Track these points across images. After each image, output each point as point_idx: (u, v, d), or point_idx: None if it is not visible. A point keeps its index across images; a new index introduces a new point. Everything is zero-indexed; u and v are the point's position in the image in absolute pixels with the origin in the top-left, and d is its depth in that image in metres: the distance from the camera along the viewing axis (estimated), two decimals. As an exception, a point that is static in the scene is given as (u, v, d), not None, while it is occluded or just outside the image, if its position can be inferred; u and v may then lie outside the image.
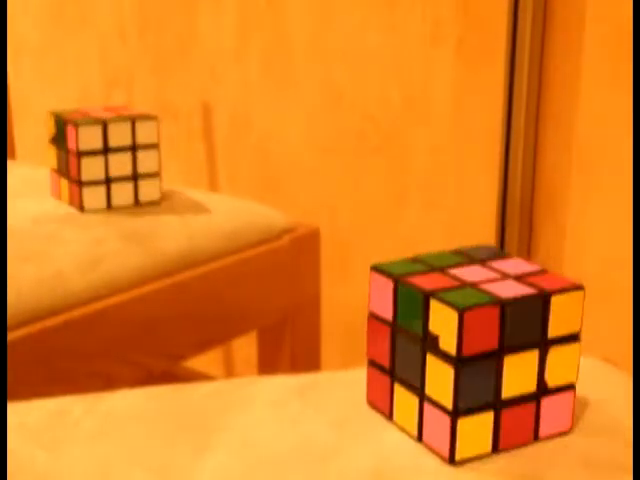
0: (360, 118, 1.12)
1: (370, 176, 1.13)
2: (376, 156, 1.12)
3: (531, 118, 0.95)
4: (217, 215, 0.84)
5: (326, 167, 1.17)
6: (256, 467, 0.44)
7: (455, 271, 0.46)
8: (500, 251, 0.49)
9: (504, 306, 0.42)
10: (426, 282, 0.44)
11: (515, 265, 0.47)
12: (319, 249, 0.89)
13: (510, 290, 0.44)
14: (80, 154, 0.79)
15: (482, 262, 0.47)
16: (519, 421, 0.45)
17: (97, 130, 0.80)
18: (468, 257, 0.48)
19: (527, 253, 1.00)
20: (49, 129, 0.84)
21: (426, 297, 0.43)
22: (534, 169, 0.98)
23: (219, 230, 0.83)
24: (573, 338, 0.45)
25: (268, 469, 0.44)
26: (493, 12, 0.97)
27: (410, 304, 0.44)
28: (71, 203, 0.82)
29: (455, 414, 0.43)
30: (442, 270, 0.46)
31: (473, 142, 1.03)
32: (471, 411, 0.43)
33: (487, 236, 1.02)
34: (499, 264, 0.47)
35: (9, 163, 1.00)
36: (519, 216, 0.98)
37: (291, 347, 0.89)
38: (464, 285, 0.44)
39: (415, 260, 0.47)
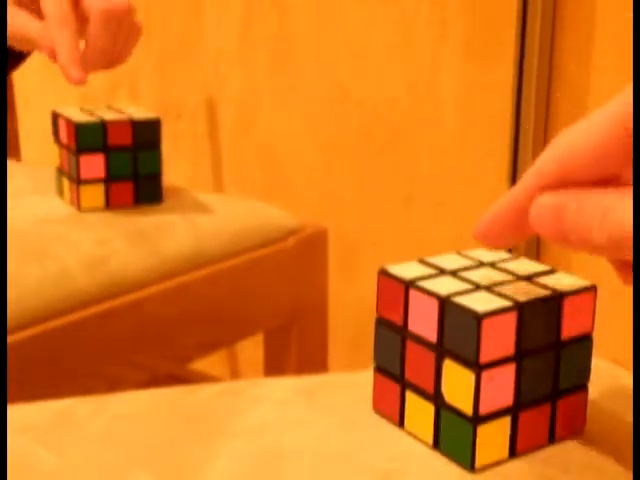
0: (367, 117, 1.11)
1: (377, 176, 1.13)
2: (383, 155, 1.11)
3: (540, 117, 0.95)
4: (223, 216, 0.84)
5: (332, 166, 1.17)
6: (263, 469, 0.44)
7: (467, 274, 0.45)
8: (506, 252, 0.48)
9: (522, 310, 0.42)
10: (439, 286, 0.44)
11: (524, 265, 0.47)
12: (327, 250, 0.89)
13: (525, 293, 0.43)
14: (79, 152, 0.79)
15: (492, 264, 0.47)
16: (535, 424, 0.44)
17: (97, 129, 0.79)
18: (476, 259, 0.47)
19: (536, 253, 1.00)
20: (53, 128, 0.84)
21: (441, 302, 0.43)
22: (543, 169, 0.97)
23: (225, 231, 0.82)
24: (585, 338, 0.45)
25: (275, 471, 0.44)
26: (501, 10, 0.96)
27: (424, 310, 0.43)
28: (71, 202, 0.82)
29: (476, 421, 0.42)
30: (454, 274, 0.45)
31: (481, 141, 1.02)
32: (491, 417, 0.43)
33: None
34: (508, 265, 0.47)
35: (15, 163, 1.00)
36: (527, 216, 0.98)
37: (298, 349, 0.89)
38: (479, 288, 0.44)
39: (423, 262, 0.47)
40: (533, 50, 0.93)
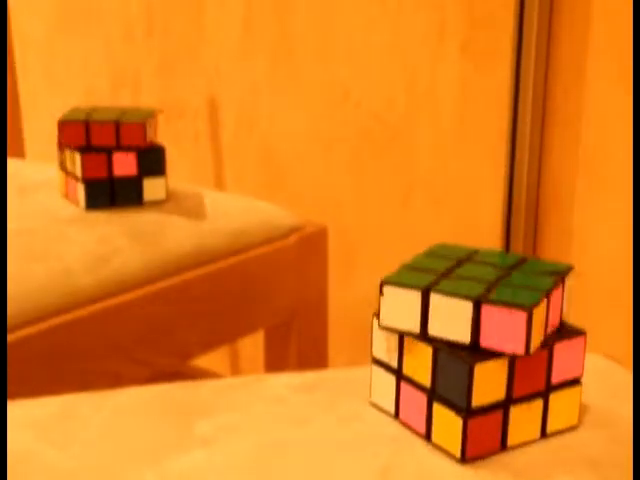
0: (366, 117, 1.12)
1: (376, 175, 1.13)
2: (382, 155, 1.12)
3: (537, 118, 0.96)
4: (224, 214, 0.84)
5: (332, 166, 1.17)
6: (263, 464, 0.45)
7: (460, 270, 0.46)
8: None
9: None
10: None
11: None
12: (327, 248, 0.89)
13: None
14: (83, 152, 0.80)
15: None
16: (527, 418, 0.45)
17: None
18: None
19: (532, 253, 1.00)
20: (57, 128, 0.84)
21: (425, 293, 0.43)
22: (540, 169, 0.98)
23: (226, 229, 0.83)
24: (579, 334, 0.46)
25: (275, 466, 0.44)
26: (499, 12, 0.97)
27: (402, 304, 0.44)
28: (76, 201, 0.83)
29: (467, 414, 0.43)
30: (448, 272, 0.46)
31: (479, 141, 1.03)
32: (482, 410, 0.43)
33: (493, 236, 1.03)
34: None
35: (19, 161, 1.00)
36: (525, 215, 0.98)
37: (298, 346, 0.89)
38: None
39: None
40: (530, 51, 0.93)
